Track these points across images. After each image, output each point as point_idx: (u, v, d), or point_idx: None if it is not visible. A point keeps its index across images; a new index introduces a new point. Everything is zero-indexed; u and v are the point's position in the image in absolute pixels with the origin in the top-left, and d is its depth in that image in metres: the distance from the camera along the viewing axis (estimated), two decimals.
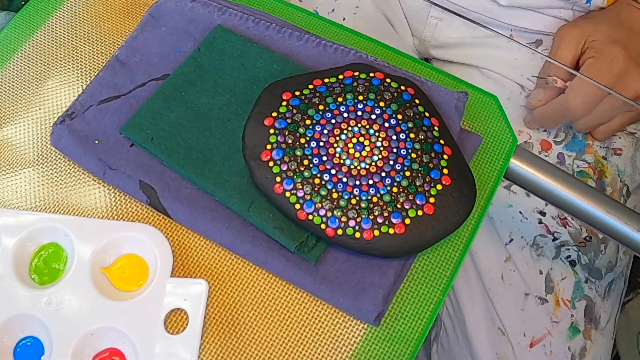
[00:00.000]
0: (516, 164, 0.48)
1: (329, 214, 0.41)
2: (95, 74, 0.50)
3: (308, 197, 0.41)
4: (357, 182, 0.42)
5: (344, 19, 0.73)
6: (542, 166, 0.48)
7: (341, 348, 0.41)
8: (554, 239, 0.65)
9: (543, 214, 0.65)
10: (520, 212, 0.66)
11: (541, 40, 0.70)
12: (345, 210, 0.41)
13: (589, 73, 0.60)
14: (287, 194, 0.42)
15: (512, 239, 0.65)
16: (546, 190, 0.48)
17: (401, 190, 0.42)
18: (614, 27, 0.63)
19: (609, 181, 0.67)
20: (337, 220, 0.41)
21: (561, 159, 0.67)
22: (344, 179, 0.42)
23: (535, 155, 0.49)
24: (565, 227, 0.65)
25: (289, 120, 0.44)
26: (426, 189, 0.42)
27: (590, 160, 0.67)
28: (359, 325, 0.41)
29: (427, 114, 0.45)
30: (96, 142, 0.46)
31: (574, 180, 0.48)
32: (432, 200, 0.42)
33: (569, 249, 0.64)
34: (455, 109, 0.47)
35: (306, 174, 0.42)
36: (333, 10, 0.73)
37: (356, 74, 0.46)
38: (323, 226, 0.41)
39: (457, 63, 0.75)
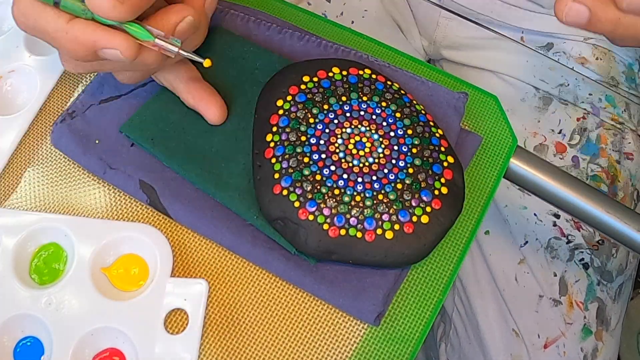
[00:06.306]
0: (516, 164, 0.48)
1: (334, 211, 0.41)
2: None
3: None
4: (364, 179, 0.42)
5: (353, 22, 0.73)
6: (542, 166, 0.48)
7: (341, 348, 0.41)
8: (568, 242, 0.65)
9: (557, 216, 0.65)
10: (535, 215, 0.66)
11: (552, 44, 0.70)
12: (349, 209, 0.41)
13: None
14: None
15: (526, 241, 0.65)
16: (546, 190, 0.48)
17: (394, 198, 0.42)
18: None
19: (621, 186, 0.67)
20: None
21: (576, 162, 0.67)
22: (358, 178, 0.42)
23: (535, 155, 0.49)
24: (579, 230, 0.65)
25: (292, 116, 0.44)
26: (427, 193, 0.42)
27: (604, 165, 0.67)
28: (359, 325, 0.41)
29: (423, 112, 0.45)
30: (97, 141, 0.46)
31: (573, 181, 0.48)
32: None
33: (582, 252, 0.65)
34: (455, 109, 0.47)
35: (307, 164, 0.42)
36: (342, 14, 0.73)
37: (358, 72, 0.45)
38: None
39: (470, 66, 0.75)
